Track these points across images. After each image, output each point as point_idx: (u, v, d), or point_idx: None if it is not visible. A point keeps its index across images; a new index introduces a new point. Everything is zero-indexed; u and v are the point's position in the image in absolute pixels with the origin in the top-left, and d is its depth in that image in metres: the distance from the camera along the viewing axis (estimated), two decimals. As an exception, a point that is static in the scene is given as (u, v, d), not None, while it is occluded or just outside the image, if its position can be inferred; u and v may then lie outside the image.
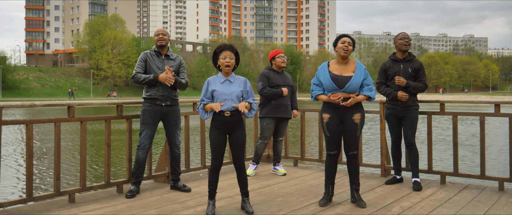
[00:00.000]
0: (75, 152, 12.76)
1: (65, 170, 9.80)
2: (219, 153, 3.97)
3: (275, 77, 5.69)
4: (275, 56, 5.75)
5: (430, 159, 5.34)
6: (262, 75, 5.68)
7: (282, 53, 5.78)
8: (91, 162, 11.12)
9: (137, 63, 4.70)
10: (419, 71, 5.02)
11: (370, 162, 6.76)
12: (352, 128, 4.20)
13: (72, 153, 12.84)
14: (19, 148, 14.03)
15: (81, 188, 4.41)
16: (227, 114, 3.91)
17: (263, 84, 5.61)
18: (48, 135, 17.82)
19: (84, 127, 4.41)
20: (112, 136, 15.69)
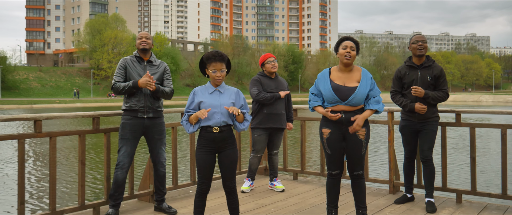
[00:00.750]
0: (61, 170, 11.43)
1: (37, 192, 8.96)
2: (206, 175, 3.45)
3: (268, 83, 5.15)
4: (264, 61, 5.21)
5: (444, 175, 4.80)
6: (255, 80, 5.15)
7: (271, 57, 5.21)
8: (68, 182, 9.87)
9: (116, 71, 4.16)
10: (439, 78, 4.41)
11: (377, 177, 6.20)
12: (356, 145, 3.66)
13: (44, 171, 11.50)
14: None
15: (50, 212, 3.89)
16: (216, 130, 3.39)
17: (258, 89, 5.07)
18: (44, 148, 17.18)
19: (54, 143, 3.88)
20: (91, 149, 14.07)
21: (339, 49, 3.71)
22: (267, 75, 5.21)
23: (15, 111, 46.84)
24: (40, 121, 3.78)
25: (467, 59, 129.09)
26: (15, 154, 15.04)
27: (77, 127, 20.67)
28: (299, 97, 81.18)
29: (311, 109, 3.80)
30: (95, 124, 4.20)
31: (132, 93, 4.11)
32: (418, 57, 4.44)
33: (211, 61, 3.42)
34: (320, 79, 3.73)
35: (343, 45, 3.69)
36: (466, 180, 9.40)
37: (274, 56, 5.27)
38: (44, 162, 12.75)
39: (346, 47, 3.67)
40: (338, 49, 3.72)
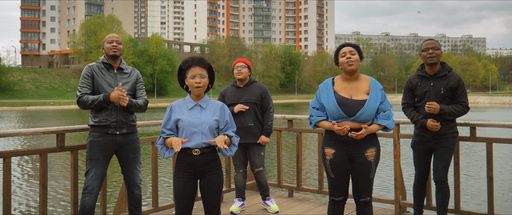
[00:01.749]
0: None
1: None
2: (186, 205, 2.94)
3: (232, 93, 4.59)
4: (233, 68, 4.67)
5: (457, 195, 4.27)
6: (220, 94, 4.64)
7: (240, 62, 4.61)
8: (27, 208, 8.53)
9: (81, 81, 3.59)
10: (457, 90, 3.82)
11: (382, 196, 5.67)
12: (364, 168, 3.13)
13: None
14: None
15: (4, 245, 3.34)
16: (196, 153, 2.86)
17: None
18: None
19: (8, 164, 3.33)
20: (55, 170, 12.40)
21: (339, 58, 3.19)
22: (237, 85, 4.66)
23: (9, 112, 46.13)
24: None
25: (464, 60, 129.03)
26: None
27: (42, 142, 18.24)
28: (296, 99, 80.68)
29: (313, 125, 3.26)
30: (60, 141, 3.65)
31: (102, 107, 3.56)
32: (430, 66, 3.89)
33: (189, 66, 2.89)
34: (322, 90, 3.20)
35: (341, 53, 3.18)
36: (483, 202, 8.51)
37: (245, 61, 4.65)
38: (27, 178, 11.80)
39: (345, 54, 3.15)
40: (338, 59, 3.20)
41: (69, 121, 26.18)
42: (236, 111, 4.47)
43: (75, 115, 31.97)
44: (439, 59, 3.87)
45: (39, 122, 26.83)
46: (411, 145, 4.12)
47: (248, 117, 4.53)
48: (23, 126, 26.15)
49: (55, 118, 28.86)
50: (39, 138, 18.72)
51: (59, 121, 27.51)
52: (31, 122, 28.63)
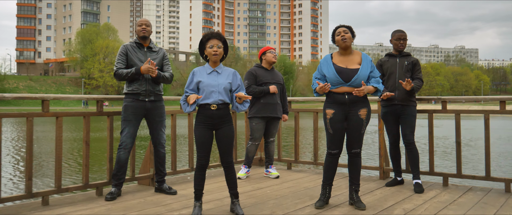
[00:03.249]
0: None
1: (41, 171, 9.54)
2: (205, 150, 3.64)
3: (263, 74, 5.38)
4: (266, 51, 5.46)
5: (431, 160, 5.04)
6: (249, 73, 5.38)
7: (273, 48, 5.49)
8: (70, 163, 10.86)
9: (117, 58, 4.35)
10: (416, 66, 4.75)
11: (368, 164, 6.42)
12: (357, 124, 3.86)
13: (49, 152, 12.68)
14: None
15: (56, 189, 4.05)
16: (214, 108, 3.59)
17: (249, 83, 5.29)
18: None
19: (60, 123, 4.06)
20: (93, 133, 15.50)
21: (335, 37, 3.94)
22: (264, 67, 5.44)
23: (6, 118, 46.58)
24: (48, 101, 3.96)
25: (456, 71, 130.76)
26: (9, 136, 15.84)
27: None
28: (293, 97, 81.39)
29: (315, 92, 3.94)
30: (99, 106, 4.39)
31: (134, 78, 4.30)
32: (398, 52, 4.79)
33: (209, 38, 3.64)
34: (323, 64, 3.93)
35: (337, 32, 3.93)
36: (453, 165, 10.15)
37: (274, 49, 5.53)
38: (46, 144, 13.61)
39: (339, 33, 3.91)
40: (334, 38, 3.96)
41: (65, 126, 27.13)
42: (272, 90, 5.29)
43: (70, 121, 33.08)
44: (405, 47, 4.75)
45: (36, 127, 27.62)
46: (381, 116, 4.91)
47: (276, 95, 5.39)
48: (21, 129, 26.81)
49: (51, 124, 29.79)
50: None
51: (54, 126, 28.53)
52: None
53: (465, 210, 3.79)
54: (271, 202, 4.12)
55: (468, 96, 4.92)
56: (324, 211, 3.78)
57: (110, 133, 4.46)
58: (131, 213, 3.68)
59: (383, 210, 3.81)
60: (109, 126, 4.46)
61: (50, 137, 16.91)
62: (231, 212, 3.70)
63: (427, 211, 3.77)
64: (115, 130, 4.65)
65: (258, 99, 5.30)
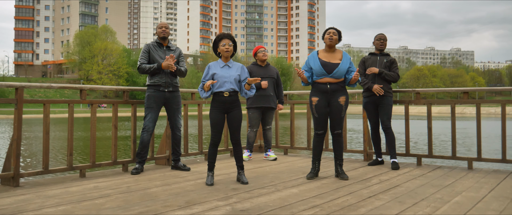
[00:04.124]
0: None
1: (76, 152, 12.27)
2: (218, 130, 4.45)
3: (257, 71, 6.17)
4: (256, 51, 6.27)
5: (407, 143, 5.87)
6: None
7: (262, 48, 6.30)
8: (99, 146, 12.47)
9: (141, 55, 5.18)
10: (393, 64, 5.61)
11: (354, 148, 7.27)
12: (338, 109, 4.71)
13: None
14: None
15: (91, 164, 4.86)
16: (226, 94, 4.40)
17: None
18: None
19: (94, 109, 4.87)
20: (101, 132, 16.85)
21: (324, 36, 4.79)
22: (258, 64, 6.26)
23: (4, 120, 47.20)
24: (85, 90, 4.78)
25: (452, 73, 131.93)
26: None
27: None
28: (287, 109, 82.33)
29: (303, 84, 4.82)
30: (126, 96, 5.20)
31: (155, 72, 5.12)
32: (379, 51, 5.66)
33: (221, 38, 4.47)
34: (310, 58, 4.78)
35: (327, 32, 4.80)
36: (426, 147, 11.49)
37: (264, 47, 6.36)
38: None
39: (329, 33, 4.76)
40: (324, 35, 4.80)
41: (61, 128, 28.07)
42: (263, 85, 6.10)
43: (61, 123, 34.20)
44: (385, 47, 5.59)
45: (34, 127, 28.47)
46: (363, 106, 5.76)
47: (270, 88, 6.19)
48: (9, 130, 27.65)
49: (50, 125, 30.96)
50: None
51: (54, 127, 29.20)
52: (29, 127, 29.95)
53: (429, 180, 4.62)
54: (270, 175, 4.94)
55: (440, 88, 5.75)
56: (313, 180, 4.60)
57: (133, 118, 5.28)
58: (155, 182, 4.49)
59: (362, 179, 4.64)
60: (132, 113, 5.28)
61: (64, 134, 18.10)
62: (238, 181, 4.52)
63: (399, 180, 4.60)
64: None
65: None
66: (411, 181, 4.54)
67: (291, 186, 4.32)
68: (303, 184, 4.43)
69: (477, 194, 3.90)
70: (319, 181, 4.58)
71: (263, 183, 4.47)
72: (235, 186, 4.29)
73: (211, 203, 3.54)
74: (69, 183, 4.39)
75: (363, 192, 3.98)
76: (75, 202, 3.56)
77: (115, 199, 3.69)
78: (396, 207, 3.42)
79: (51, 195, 3.83)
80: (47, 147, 4.47)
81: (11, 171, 4.15)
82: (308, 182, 4.55)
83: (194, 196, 3.82)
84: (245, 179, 4.44)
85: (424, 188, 4.16)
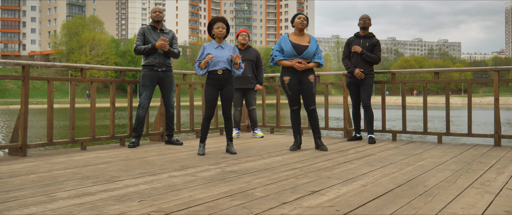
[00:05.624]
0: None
1: (77, 127, 11.91)
2: (212, 105, 4.88)
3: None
4: (238, 35, 6.67)
5: (383, 120, 6.36)
6: None
7: (244, 32, 6.69)
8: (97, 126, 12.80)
9: (137, 37, 5.56)
10: (375, 46, 6.02)
11: (335, 126, 7.77)
12: (309, 86, 5.15)
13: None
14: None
15: (91, 138, 5.26)
16: (220, 72, 4.82)
17: None
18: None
19: (94, 87, 5.26)
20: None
21: (295, 20, 5.20)
22: (239, 47, 6.66)
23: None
24: (85, 70, 5.16)
25: (439, 64, 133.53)
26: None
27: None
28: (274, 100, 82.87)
29: (274, 62, 5.23)
30: (122, 75, 5.59)
31: (150, 53, 5.51)
32: (363, 29, 6.03)
33: (215, 21, 4.87)
34: (281, 40, 5.21)
35: (298, 16, 5.20)
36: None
37: (247, 31, 6.74)
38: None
39: (300, 18, 5.17)
40: (294, 20, 5.21)
41: (62, 117, 28.33)
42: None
43: (57, 112, 34.26)
44: (369, 26, 6.00)
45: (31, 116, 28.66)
46: (346, 85, 6.21)
47: (248, 70, 6.58)
48: (10, 121, 27.67)
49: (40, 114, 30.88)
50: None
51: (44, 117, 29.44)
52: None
53: (401, 150, 5.10)
54: (257, 148, 5.39)
55: (413, 70, 6.23)
56: (296, 152, 5.06)
57: (130, 96, 5.68)
58: (152, 153, 4.91)
59: (340, 151, 5.11)
60: (129, 91, 5.67)
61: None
62: (227, 151, 4.95)
63: (373, 151, 5.08)
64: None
65: None
66: (384, 152, 5.03)
67: (276, 155, 4.77)
68: (287, 154, 4.88)
69: (440, 159, 4.39)
70: (301, 152, 5.03)
71: (250, 153, 4.92)
72: (224, 155, 4.73)
73: (203, 167, 3.97)
74: (72, 154, 4.79)
75: (340, 159, 4.45)
76: (80, 167, 3.96)
77: (117, 164, 4.10)
78: (366, 168, 3.88)
79: (57, 162, 4.23)
80: (51, 121, 4.85)
81: (19, 142, 4.54)
82: (291, 152, 5.00)
83: (187, 162, 4.25)
84: (234, 150, 4.88)
85: (394, 156, 4.64)
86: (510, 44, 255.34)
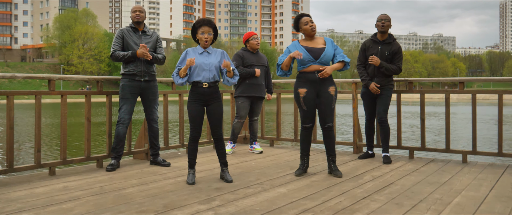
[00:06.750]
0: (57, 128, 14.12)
1: (46, 145, 10.51)
2: (197, 124, 4.09)
3: (249, 57, 5.83)
4: (249, 38, 5.90)
5: (399, 135, 5.60)
6: (237, 56, 5.83)
7: (255, 34, 5.92)
8: (72, 139, 11.78)
9: (114, 41, 4.75)
10: (396, 54, 5.18)
11: (344, 140, 7.00)
12: (328, 100, 4.37)
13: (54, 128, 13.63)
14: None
15: (61, 161, 4.47)
16: (205, 86, 4.03)
17: (237, 64, 5.75)
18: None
19: (65, 101, 4.46)
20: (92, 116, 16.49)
21: (301, 26, 4.38)
22: (249, 50, 5.90)
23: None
24: (54, 80, 4.35)
25: (434, 58, 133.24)
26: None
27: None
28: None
29: (280, 69, 4.36)
30: (99, 86, 4.80)
31: (130, 60, 4.71)
32: (381, 33, 5.21)
33: (200, 25, 4.06)
34: (291, 47, 4.41)
35: (304, 21, 4.37)
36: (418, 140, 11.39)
37: (257, 34, 5.98)
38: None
39: (307, 23, 4.37)
40: (300, 27, 4.40)
41: (44, 113, 27.47)
42: (258, 73, 5.74)
43: (49, 107, 33.34)
44: (388, 29, 5.18)
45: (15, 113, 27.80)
46: (361, 95, 5.43)
47: (261, 77, 5.85)
48: (2, 116, 26.80)
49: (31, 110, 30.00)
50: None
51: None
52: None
53: (425, 176, 4.36)
54: (256, 171, 4.62)
55: (435, 78, 5.49)
56: (303, 178, 4.30)
57: (108, 110, 4.88)
58: (131, 181, 4.13)
59: (354, 176, 4.35)
60: (107, 104, 4.88)
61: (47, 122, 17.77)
62: (221, 178, 4.19)
63: (392, 177, 4.33)
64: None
65: (244, 80, 5.78)
66: (406, 178, 4.28)
67: (279, 184, 4.01)
68: (292, 181, 4.13)
69: (477, 193, 3.65)
70: (309, 178, 4.28)
71: (249, 181, 4.15)
72: (218, 185, 3.96)
73: (192, 207, 3.21)
74: (36, 183, 4.01)
75: (357, 192, 3.69)
76: (39, 207, 3.19)
77: (86, 202, 3.33)
78: (393, 210, 3.14)
79: (13, 198, 3.45)
80: (11, 144, 4.07)
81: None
82: (297, 179, 4.25)
83: (173, 197, 3.48)
84: (229, 177, 4.12)
85: (420, 186, 3.89)
86: (504, 38, 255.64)
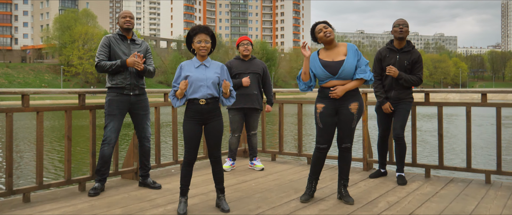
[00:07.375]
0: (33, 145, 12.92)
1: (21, 167, 9.51)
2: (193, 146, 3.60)
3: (238, 66, 5.32)
4: (239, 44, 5.40)
5: (414, 151, 5.10)
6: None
7: (245, 40, 5.38)
8: (52, 159, 10.80)
9: (99, 49, 4.23)
10: (416, 64, 4.65)
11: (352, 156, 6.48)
12: (348, 118, 3.84)
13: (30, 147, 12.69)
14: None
15: (37, 186, 3.97)
16: (202, 102, 3.54)
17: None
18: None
19: (41, 118, 3.96)
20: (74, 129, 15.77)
21: (317, 36, 3.91)
22: (241, 58, 5.40)
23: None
24: (28, 95, 3.85)
25: (436, 58, 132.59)
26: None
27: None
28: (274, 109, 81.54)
29: (301, 82, 3.91)
30: (81, 100, 4.29)
31: (118, 71, 4.21)
32: (399, 40, 4.67)
33: (196, 33, 3.57)
34: (311, 59, 3.89)
35: (317, 30, 3.89)
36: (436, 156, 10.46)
37: (249, 39, 5.44)
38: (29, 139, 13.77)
39: (321, 30, 3.87)
40: (316, 36, 3.92)
41: (47, 119, 26.98)
42: (244, 83, 5.20)
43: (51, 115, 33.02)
44: (406, 35, 4.65)
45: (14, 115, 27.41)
46: (375, 109, 4.91)
47: (253, 86, 5.29)
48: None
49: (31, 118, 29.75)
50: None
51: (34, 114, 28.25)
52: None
53: (447, 203, 3.85)
54: (256, 196, 4.12)
55: (452, 90, 4.98)
56: (309, 206, 3.79)
57: (92, 127, 4.38)
58: (115, 209, 3.63)
59: (367, 203, 3.85)
60: (91, 120, 4.38)
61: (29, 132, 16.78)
62: (217, 207, 3.69)
63: (411, 204, 3.82)
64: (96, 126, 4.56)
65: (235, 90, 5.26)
66: (426, 205, 3.77)
67: (282, 214, 3.51)
68: (297, 210, 3.62)
69: (513, 228, 3.15)
70: (316, 206, 3.77)
71: (248, 209, 3.65)
72: (213, 216, 3.47)
73: (181, 251, 2.70)
74: (7, 212, 3.52)
75: (373, 227, 3.19)
76: (0, 251, 2.69)
77: (56, 243, 2.83)
78: (420, 255, 2.63)
79: (-27, 237, 2.95)
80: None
81: None
82: (302, 206, 3.75)
83: (160, 236, 2.98)
84: (226, 206, 3.62)
85: (445, 218, 3.39)
86: (506, 38, 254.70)
